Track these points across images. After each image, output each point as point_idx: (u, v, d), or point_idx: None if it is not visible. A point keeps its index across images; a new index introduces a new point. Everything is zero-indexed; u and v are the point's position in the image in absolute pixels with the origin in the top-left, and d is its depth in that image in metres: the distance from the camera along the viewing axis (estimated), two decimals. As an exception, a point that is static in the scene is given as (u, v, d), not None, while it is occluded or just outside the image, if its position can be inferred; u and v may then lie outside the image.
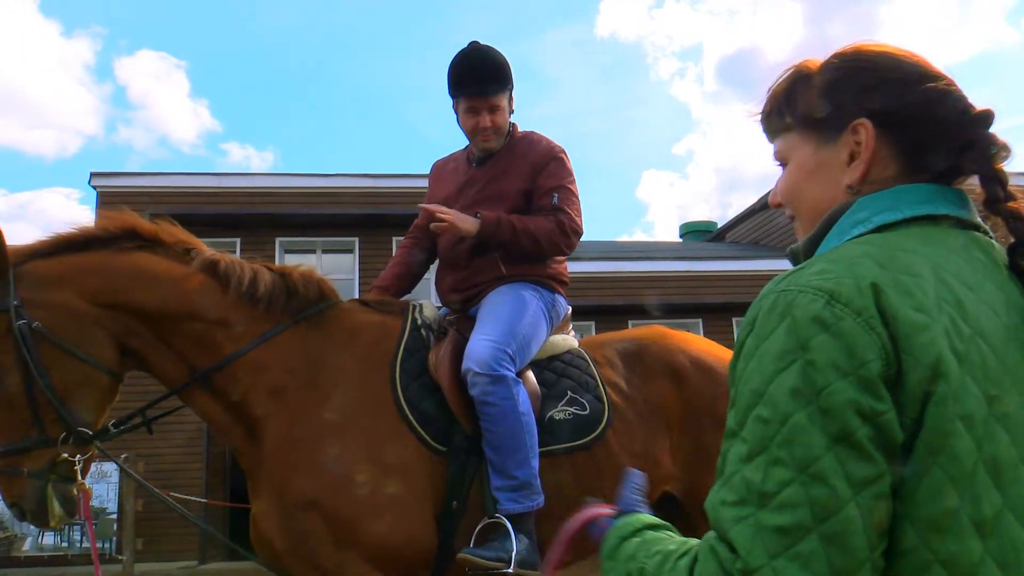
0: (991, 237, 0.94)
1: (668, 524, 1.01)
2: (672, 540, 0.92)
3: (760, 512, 0.75)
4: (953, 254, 0.87)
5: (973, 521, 0.76)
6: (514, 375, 2.35)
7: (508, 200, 2.63)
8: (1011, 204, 0.93)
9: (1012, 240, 0.91)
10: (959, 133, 0.94)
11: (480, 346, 2.34)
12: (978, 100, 0.96)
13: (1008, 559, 0.77)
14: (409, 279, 2.84)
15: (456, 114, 2.73)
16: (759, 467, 0.76)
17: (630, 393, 2.58)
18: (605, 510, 1.12)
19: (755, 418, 0.78)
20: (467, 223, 2.52)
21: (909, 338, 0.77)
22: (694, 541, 0.88)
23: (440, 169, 2.93)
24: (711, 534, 0.81)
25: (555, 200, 2.60)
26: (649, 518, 1.02)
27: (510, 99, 2.71)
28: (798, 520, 0.73)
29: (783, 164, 1.05)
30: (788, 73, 1.06)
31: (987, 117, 0.94)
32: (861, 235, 0.90)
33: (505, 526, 2.22)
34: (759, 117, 1.09)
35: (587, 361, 2.63)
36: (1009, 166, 0.98)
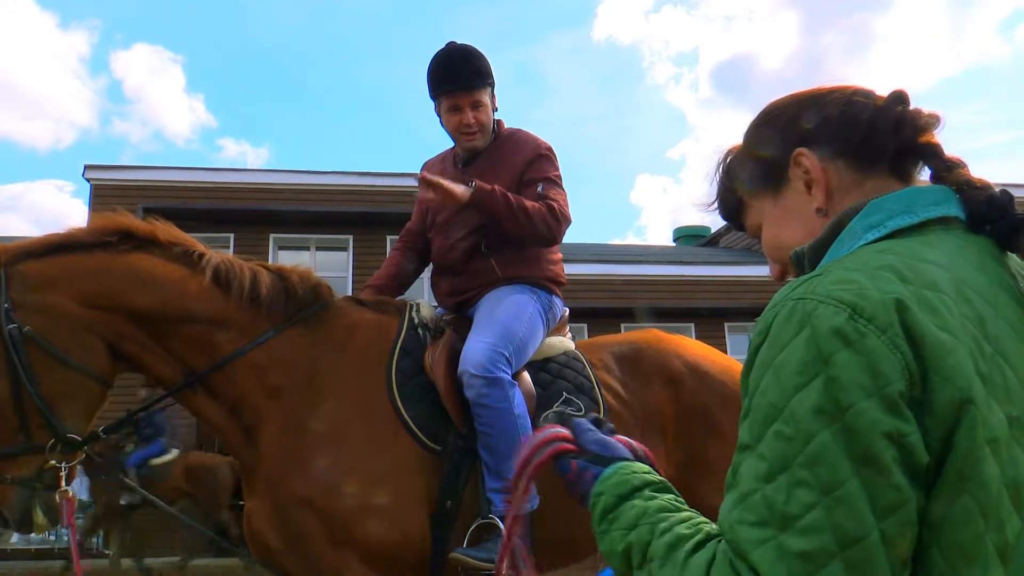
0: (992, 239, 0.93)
1: (666, 482, 0.96)
2: (679, 516, 0.88)
3: (782, 535, 0.72)
4: (969, 264, 0.85)
5: (997, 547, 0.75)
6: (510, 377, 2.35)
7: None
8: (959, 172, 0.94)
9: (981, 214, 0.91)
10: (880, 119, 0.97)
11: (476, 348, 2.34)
12: (972, 114, 0.98)
13: None
14: (402, 280, 2.83)
15: (439, 117, 2.70)
16: (781, 488, 0.73)
17: (625, 396, 2.58)
18: (567, 438, 1.04)
19: (775, 434, 0.75)
20: (459, 189, 2.46)
21: (937, 359, 0.75)
22: (703, 521, 0.85)
23: (428, 171, 2.90)
24: (722, 545, 0.78)
25: (540, 189, 2.58)
26: (645, 470, 0.97)
27: (493, 96, 2.68)
28: (822, 545, 0.71)
29: (758, 233, 1.09)
30: (720, 160, 1.14)
31: (899, 96, 0.98)
32: (875, 240, 0.89)
33: (499, 527, 2.21)
34: (714, 208, 1.16)
35: (583, 363, 2.62)
36: (1005, 179, 0.98)
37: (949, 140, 0.97)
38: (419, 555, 2.25)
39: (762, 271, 15.17)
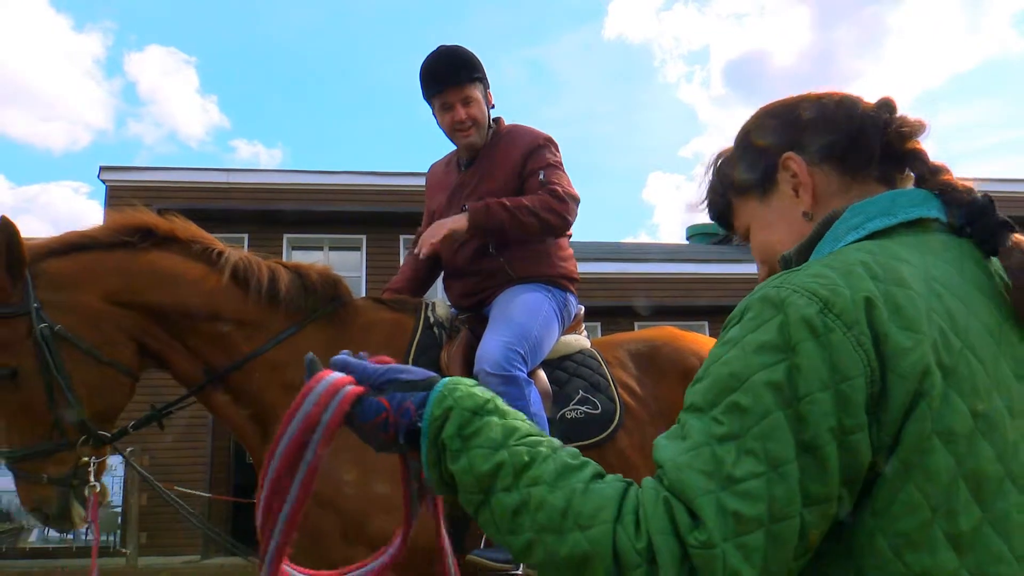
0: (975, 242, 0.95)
1: (488, 392, 0.89)
2: (553, 441, 0.85)
3: (722, 493, 0.74)
4: (946, 264, 0.88)
5: (948, 535, 0.77)
6: (526, 375, 2.35)
7: (499, 197, 2.59)
8: (943, 176, 0.96)
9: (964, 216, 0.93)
10: (867, 125, 0.99)
11: (492, 346, 2.34)
12: (986, 110, 0.98)
13: (987, 572, 0.77)
14: (419, 284, 2.84)
15: (435, 119, 2.70)
16: (731, 451, 0.76)
17: (642, 394, 2.58)
18: (349, 381, 0.88)
19: (732, 404, 0.78)
20: (456, 223, 2.48)
21: (895, 358, 0.77)
22: (584, 456, 0.83)
23: (433, 176, 2.91)
24: (652, 483, 0.78)
25: (542, 177, 2.58)
26: (465, 381, 0.89)
27: (486, 92, 2.68)
28: (756, 513, 0.73)
29: (746, 235, 1.12)
30: (710, 161, 1.16)
31: (887, 103, 1.01)
32: (855, 241, 0.92)
33: None
34: (705, 210, 1.18)
35: (599, 361, 2.62)
36: (1021, 174, 0.98)
37: (963, 136, 0.98)
38: (429, 552, 2.25)
39: (776, 268, 15.13)
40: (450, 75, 2.59)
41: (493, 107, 2.71)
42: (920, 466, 0.77)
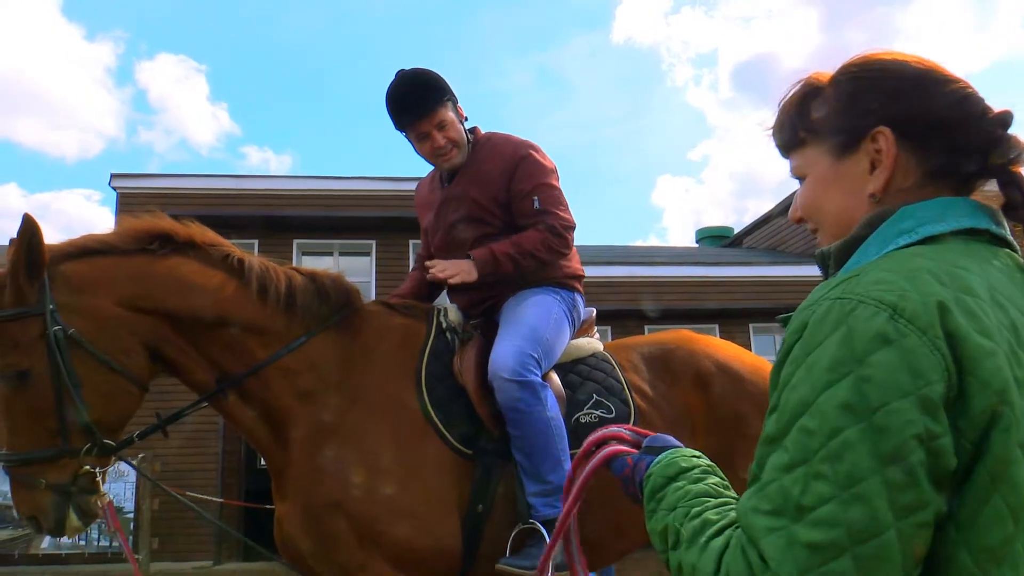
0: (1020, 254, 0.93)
1: (714, 467, 1.00)
2: (716, 500, 0.90)
3: (794, 525, 0.73)
4: (999, 274, 0.86)
5: None
6: (540, 379, 2.34)
7: (482, 214, 2.59)
8: None
9: None
10: (978, 136, 0.92)
11: (505, 352, 2.33)
12: (997, 107, 0.95)
13: None
14: (427, 293, 2.84)
15: (413, 147, 2.67)
16: (799, 479, 0.74)
17: (655, 398, 2.57)
18: (625, 439, 1.11)
19: (800, 428, 0.76)
20: (467, 275, 2.48)
21: (975, 362, 0.74)
22: (733, 508, 0.88)
23: (419, 195, 2.91)
24: (738, 532, 0.80)
25: (536, 205, 2.54)
26: (694, 454, 1.01)
27: (457, 109, 2.63)
28: (833, 539, 0.71)
29: (800, 179, 1.04)
30: (798, 87, 1.05)
31: (1006, 118, 0.94)
32: (907, 245, 0.88)
33: (540, 532, 2.20)
34: (771, 132, 1.09)
35: (612, 365, 2.61)
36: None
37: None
38: (449, 558, 2.24)
39: (786, 271, 15.04)
40: (419, 104, 2.55)
41: (466, 119, 2.69)
42: (1006, 478, 0.74)
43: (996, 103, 0.95)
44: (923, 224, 0.89)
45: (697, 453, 1.01)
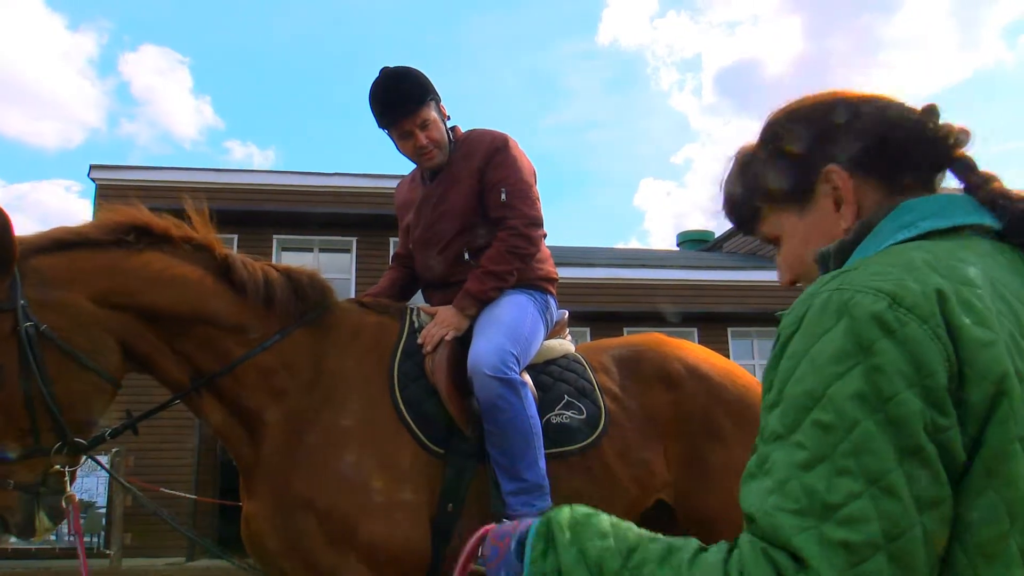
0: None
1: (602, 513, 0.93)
2: (650, 532, 0.86)
3: (823, 525, 0.69)
4: (1002, 268, 0.85)
5: (1021, 549, 0.73)
6: (519, 377, 2.35)
7: (461, 213, 2.60)
8: (995, 185, 0.92)
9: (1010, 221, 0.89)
10: (915, 138, 0.94)
11: (486, 349, 2.33)
12: (979, 120, 0.98)
13: None
14: (401, 293, 2.84)
15: (395, 146, 2.67)
16: (822, 476, 0.70)
17: (625, 400, 2.57)
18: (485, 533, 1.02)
19: (813, 423, 0.73)
20: (459, 325, 2.48)
21: (974, 352, 0.73)
22: (683, 539, 0.83)
23: (400, 194, 2.91)
24: (747, 537, 0.75)
25: (503, 197, 2.56)
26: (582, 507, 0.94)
27: (439, 108, 2.64)
28: (868, 537, 0.68)
29: (774, 241, 1.05)
30: (732, 163, 1.07)
31: (931, 110, 0.96)
32: (907, 240, 0.87)
33: None
34: (725, 215, 1.09)
35: (584, 366, 2.62)
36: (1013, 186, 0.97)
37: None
38: (418, 557, 2.24)
39: (766, 276, 15.16)
40: (402, 104, 2.56)
41: (449, 119, 2.69)
42: (1002, 473, 0.72)
43: (977, 117, 0.97)
44: (924, 219, 0.88)
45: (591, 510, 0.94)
